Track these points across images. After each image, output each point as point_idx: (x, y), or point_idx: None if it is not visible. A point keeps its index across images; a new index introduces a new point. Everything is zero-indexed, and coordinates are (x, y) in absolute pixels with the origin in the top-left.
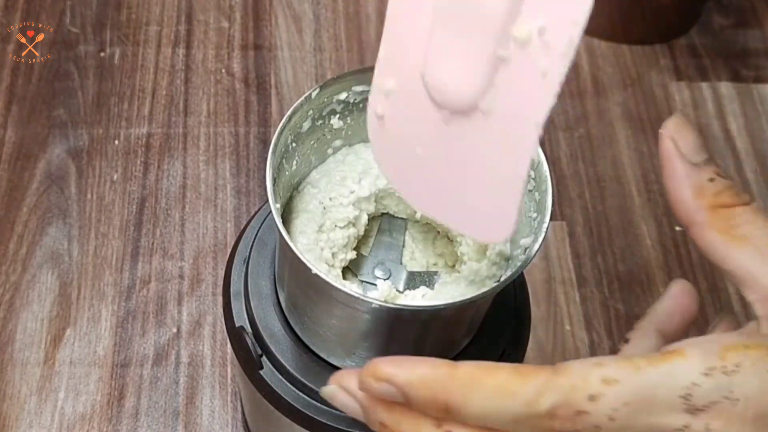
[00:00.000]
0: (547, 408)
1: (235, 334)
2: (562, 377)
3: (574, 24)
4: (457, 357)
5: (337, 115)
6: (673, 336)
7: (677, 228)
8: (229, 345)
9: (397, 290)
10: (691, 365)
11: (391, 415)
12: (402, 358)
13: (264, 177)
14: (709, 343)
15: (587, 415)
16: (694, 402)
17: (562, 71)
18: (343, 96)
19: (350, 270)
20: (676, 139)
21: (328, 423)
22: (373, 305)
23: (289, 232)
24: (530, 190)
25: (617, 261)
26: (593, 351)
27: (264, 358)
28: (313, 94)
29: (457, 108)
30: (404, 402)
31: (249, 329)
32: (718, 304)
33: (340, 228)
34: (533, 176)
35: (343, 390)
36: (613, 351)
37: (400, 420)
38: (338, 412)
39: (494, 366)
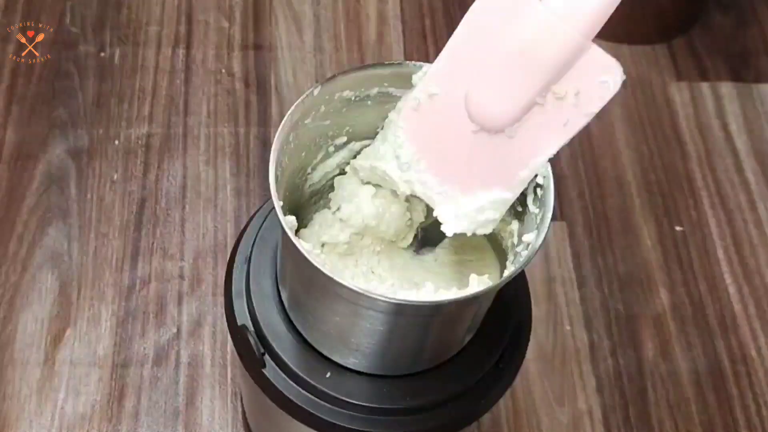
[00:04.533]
0: None
1: (237, 332)
2: None
3: (600, 99)
4: (458, 356)
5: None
6: None
7: (677, 228)
8: (229, 345)
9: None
10: None
11: None
12: None
13: (265, 176)
14: None
15: None
16: None
17: (580, 125)
18: (346, 94)
19: None
20: None
21: (331, 420)
22: (377, 300)
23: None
24: (533, 187)
25: (617, 261)
26: (593, 351)
27: (266, 357)
28: (315, 92)
29: (488, 128)
30: None
31: (251, 328)
32: (718, 304)
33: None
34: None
35: None
36: (613, 351)
37: None
38: (340, 410)
39: None
